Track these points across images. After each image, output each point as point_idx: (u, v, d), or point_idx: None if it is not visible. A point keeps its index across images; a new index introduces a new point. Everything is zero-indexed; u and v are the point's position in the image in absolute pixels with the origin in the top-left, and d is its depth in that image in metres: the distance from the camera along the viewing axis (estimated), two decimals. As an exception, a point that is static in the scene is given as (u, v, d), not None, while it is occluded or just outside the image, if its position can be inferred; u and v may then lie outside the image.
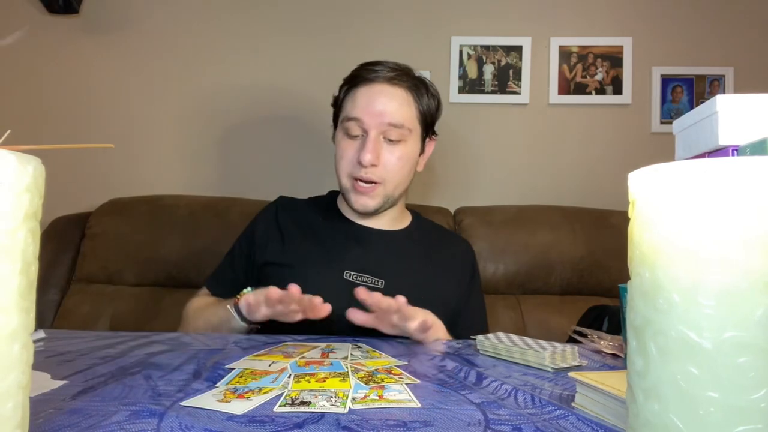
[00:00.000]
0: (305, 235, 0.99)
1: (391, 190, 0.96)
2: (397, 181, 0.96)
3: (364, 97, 0.94)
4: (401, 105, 0.94)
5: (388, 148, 0.94)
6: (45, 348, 0.67)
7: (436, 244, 1.05)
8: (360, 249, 0.97)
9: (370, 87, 0.94)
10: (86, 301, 1.38)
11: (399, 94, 0.94)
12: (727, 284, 0.25)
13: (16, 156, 0.28)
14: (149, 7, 1.72)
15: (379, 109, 0.92)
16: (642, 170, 0.29)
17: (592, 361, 0.67)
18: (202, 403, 0.46)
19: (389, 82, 0.94)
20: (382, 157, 0.93)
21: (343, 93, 0.99)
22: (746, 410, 0.24)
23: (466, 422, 0.43)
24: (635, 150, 1.67)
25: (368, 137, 0.92)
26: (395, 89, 0.94)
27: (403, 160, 0.95)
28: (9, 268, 0.27)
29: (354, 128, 0.94)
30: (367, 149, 0.91)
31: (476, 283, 1.07)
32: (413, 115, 0.96)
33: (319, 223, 1.01)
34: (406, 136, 0.95)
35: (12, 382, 0.28)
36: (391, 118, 0.92)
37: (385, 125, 0.93)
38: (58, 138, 1.69)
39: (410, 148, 0.97)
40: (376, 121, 0.92)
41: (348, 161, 0.95)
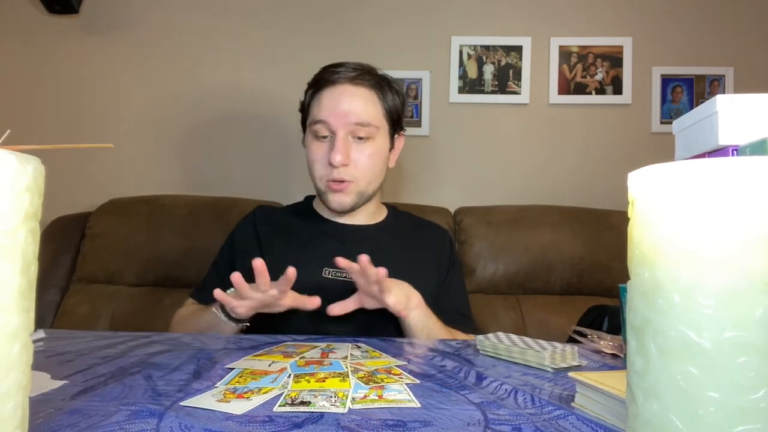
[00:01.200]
0: (283, 240, 1.00)
1: (364, 186, 0.98)
2: (369, 177, 0.98)
3: (328, 99, 0.95)
4: (366, 103, 0.96)
5: (357, 146, 0.96)
6: (45, 348, 0.67)
7: (413, 234, 1.07)
8: (337, 246, 0.98)
9: (334, 88, 0.96)
10: (86, 301, 1.38)
11: (363, 93, 0.96)
12: (727, 284, 0.25)
13: (16, 156, 0.28)
14: (149, 7, 1.72)
15: (344, 109, 0.94)
16: (642, 170, 0.29)
17: (592, 361, 0.67)
18: (202, 403, 0.46)
19: (352, 82, 0.96)
20: (352, 155, 0.95)
21: (308, 97, 1.01)
22: (746, 410, 0.24)
23: (466, 422, 0.43)
24: (635, 150, 1.67)
25: (337, 138, 0.94)
26: (358, 88, 0.96)
27: (374, 158, 0.97)
28: (9, 268, 0.27)
29: (322, 130, 0.96)
30: (336, 150, 0.93)
31: (456, 269, 1.08)
32: (379, 112, 0.98)
33: (296, 226, 1.03)
34: (374, 133, 0.97)
35: (12, 382, 0.28)
36: (357, 118, 0.94)
37: (352, 125, 0.94)
38: (58, 138, 1.69)
39: (379, 145, 0.98)
40: (342, 121, 0.94)
41: (320, 164, 0.97)
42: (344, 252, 0.96)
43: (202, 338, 0.76)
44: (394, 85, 1.02)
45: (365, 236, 1.02)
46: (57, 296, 1.41)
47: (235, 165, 1.71)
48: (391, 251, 1.00)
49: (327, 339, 0.77)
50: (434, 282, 1.01)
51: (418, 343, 0.77)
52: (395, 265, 0.97)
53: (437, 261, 1.05)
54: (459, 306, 1.03)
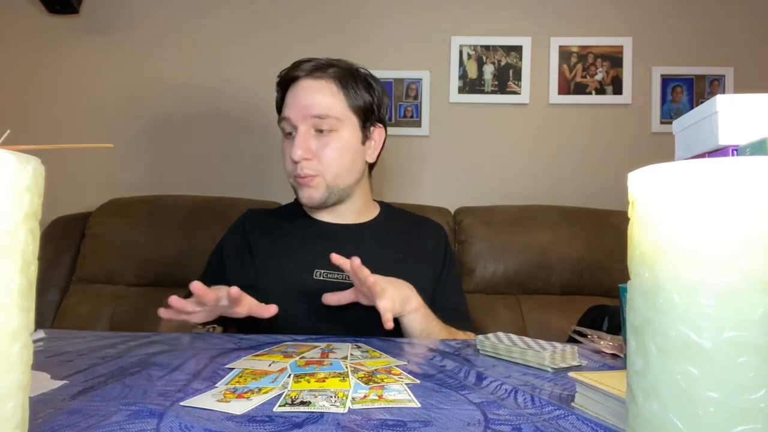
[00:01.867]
0: (274, 242, 1.00)
1: (332, 180, 0.96)
2: (336, 171, 0.96)
3: (290, 95, 0.96)
4: (325, 96, 0.95)
5: (320, 140, 0.94)
6: (45, 348, 0.67)
7: (406, 231, 1.06)
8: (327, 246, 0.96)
9: (296, 84, 0.96)
10: (86, 301, 1.38)
11: (322, 86, 0.95)
12: (727, 284, 0.25)
13: (16, 156, 0.28)
14: (149, 7, 1.72)
15: (303, 103, 0.94)
16: (642, 170, 0.29)
17: (592, 361, 0.67)
18: (202, 403, 0.46)
19: (311, 76, 0.96)
20: (314, 149, 0.94)
21: (277, 97, 1.02)
22: (746, 410, 0.24)
23: (466, 422, 0.43)
24: (635, 150, 1.67)
25: (297, 133, 0.94)
26: (317, 82, 0.95)
27: (339, 150, 0.95)
28: (9, 268, 0.27)
29: (286, 127, 0.97)
30: (295, 145, 0.93)
31: (451, 265, 1.07)
32: (341, 104, 0.96)
33: (285, 228, 1.03)
34: (337, 125, 0.95)
35: (12, 382, 0.28)
36: (315, 110, 0.93)
37: (311, 117, 0.94)
38: (58, 138, 1.69)
39: (345, 138, 0.96)
40: (301, 114, 0.94)
41: (287, 161, 0.97)
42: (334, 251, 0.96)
43: (202, 338, 0.76)
44: (362, 77, 1.00)
45: (355, 235, 1.01)
46: (57, 296, 1.41)
47: (235, 165, 1.71)
48: (384, 249, 1.00)
49: (327, 339, 0.77)
50: (431, 278, 1.01)
51: (418, 343, 0.77)
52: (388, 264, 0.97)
53: (433, 257, 1.04)
54: (456, 303, 1.03)
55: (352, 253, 0.96)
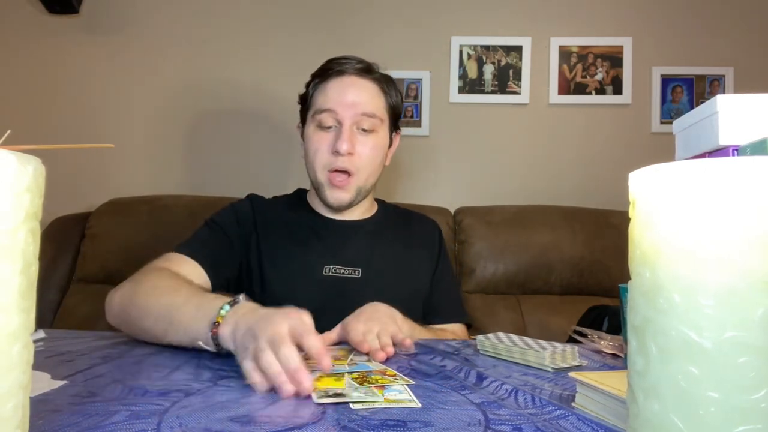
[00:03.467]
0: (281, 235, 0.98)
1: (364, 181, 0.97)
2: (369, 171, 0.97)
3: (335, 89, 0.95)
4: (372, 96, 0.96)
5: (361, 138, 0.95)
6: (45, 348, 0.67)
7: (403, 227, 1.07)
8: (335, 242, 0.98)
9: (341, 79, 0.96)
10: (86, 301, 1.38)
11: (369, 86, 0.97)
12: (727, 284, 0.25)
13: (16, 156, 0.28)
14: (149, 7, 1.72)
15: (352, 99, 0.94)
16: (642, 170, 0.29)
17: (592, 361, 0.67)
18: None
19: (359, 74, 0.96)
20: (357, 146, 0.94)
21: (311, 88, 1.00)
22: (746, 410, 0.24)
23: (466, 422, 0.43)
24: (635, 150, 1.67)
25: (343, 127, 0.93)
26: (365, 81, 0.97)
27: (376, 150, 0.97)
28: (9, 268, 0.27)
29: (327, 120, 0.95)
30: (343, 138, 0.92)
31: (445, 259, 1.08)
32: (383, 105, 0.98)
33: (292, 220, 1.01)
34: (378, 126, 0.97)
35: (12, 382, 0.28)
36: (364, 108, 0.94)
37: (359, 115, 0.94)
38: (58, 138, 1.69)
39: (381, 139, 0.98)
40: (350, 111, 0.94)
41: (322, 153, 0.95)
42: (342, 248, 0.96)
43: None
44: (395, 83, 1.03)
45: (362, 232, 1.02)
46: (57, 296, 1.41)
47: (235, 165, 1.71)
48: (386, 246, 1.01)
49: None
50: (429, 270, 1.03)
51: (418, 344, 0.77)
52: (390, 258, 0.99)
53: (428, 251, 1.06)
54: (451, 298, 1.05)
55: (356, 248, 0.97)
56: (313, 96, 0.99)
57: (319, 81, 0.99)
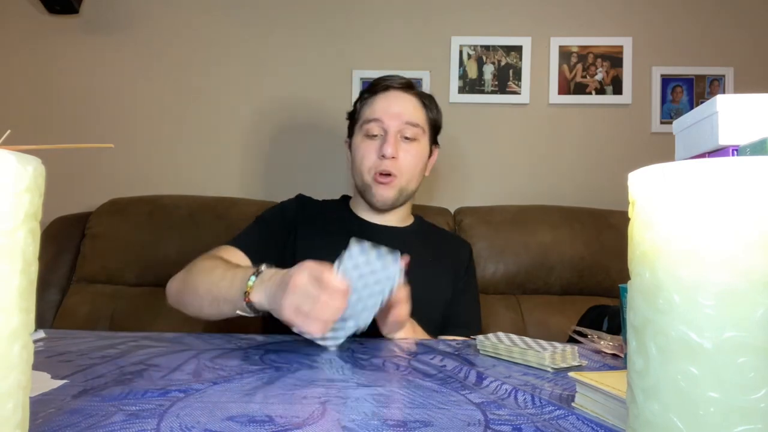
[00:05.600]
0: (320, 233, 1.05)
1: (405, 183, 1.06)
2: (410, 175, 1.06)
3: (382, 102, 1.06)
4: (415, 108, 1.07)
5: (404, 146, 1.05)
6: (45, 348, 0.67)
7: (437, 243, 1.14)
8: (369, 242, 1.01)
9: (387, 93, 1.07)
10: (86, 301, 1.38)
11: (412, 99, 1.08)
12: (727, 284, 0.25)
13: (16, 156, 0.28)
14: (149, 7, 1.72)
15: (396, 110, 1.05)
16: (642, 170, 0.29)
17: (592, 361, 0.67)
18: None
19: (403, 89, 1.07)
20: (400, 152, 1.04)
21: (359, 104, 1.11)
22: (746, 410, 0.24)
23: (466, 422, 0.43)
24: (635, 150, 1.67)
25: (389, 134, 1.03)
26: (408, 95, 1.08)
27: (417, 158, 1.06)
28: (9, 268, 0.27)
29: (374, 129, 1.05)
30: (389, 143, 1.02)
31: (470, 281, 1.13)
32: (424, 118, 1.09)
33: (332, 221, 1.09)
34: (420, 135, 1.07)
35: (12, 382, 0.28)
36: (408, 117, 1.05)
37: (403, 123, 1.04)
38: (58, 138, 1.69)
39: (422, 148, 1.08)
40: (395, 120, 1.04)
41: (369, 158, 1.05)
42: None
43: (202, 339, 0.76)
44: (435, 100, 1.13)
45: (397, 237, 1.08)
46: (57, 296, 1.41)
47: (235, 165, 1.71)
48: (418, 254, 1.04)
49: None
50: (449, 287, 1.07)
51: (418, 344, 0.77)
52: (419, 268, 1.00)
53: (455, 266, 1.11)
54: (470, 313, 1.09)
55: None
56: (361, 110, 1.09)
57: (367, 96, 1.09)
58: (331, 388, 0.52)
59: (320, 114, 1.70)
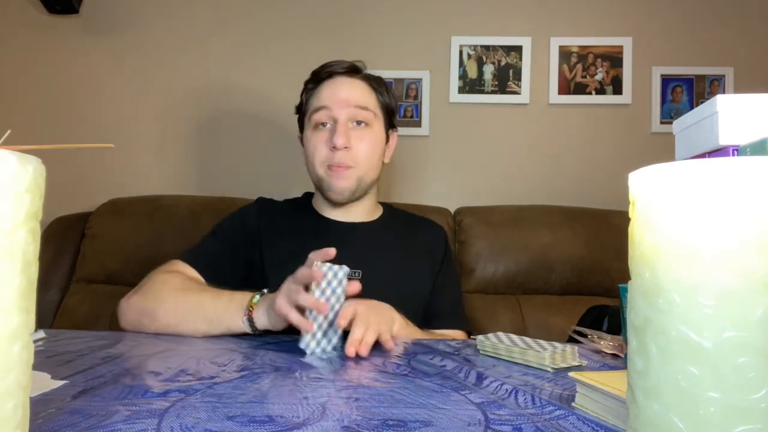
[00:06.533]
0: (283, 235, 1.01)
1: (363, 172, 1.00)
2: (368, 165, 1.00)
3: (328, 89, 1.00)
4: (363, 91, 1.01)
5: (356, 133, 0.99)
6: (45, 348, 0.67)
7: (408, 231, 1.09)
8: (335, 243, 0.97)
9: (333, 80, 1.01)
10: (86, 301, 1.38)
11: (359, 83, 1.02)
12: (727, 284, 0.25)
13: (16, 156, 0.28)
14: (149, 7, 1.72)
15: (344, 96, 0.99)
16: (642, 170, 0.29)
17: (592, 361, 0.67)
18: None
19: (348, 74, 1.02)
20: (352, 141, 0.98)
21: (305, 95, 1.05)
22: (746, 410, 0.24)
23: (466, 422, 0.43)
24: (635, 150, 1.66)
25: (338, 122, 0.97)
26: (354, 79, 1.02)
27: (372, 143, 1.01)
28: (9, 268, 0.27)
29: (322, 117, 0.99)
30: (339, 133, 0.96)
31: (449, 266, 1.09)
32: (375, 101, 1.03)
33: (296, 222, 1.04)
34: (372, 120, 1.01)
35: (12, 382, 0.28)
36: (356, 101, 0.99)
37: (353, 108, 0.98)
38: (58, 138, 1.69)
39: (376, 133, 1.02)
40: (343, 105, 0.98)
41: (320, 151, 0.99)
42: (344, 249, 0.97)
43: (202, 339, 0.76)
44: (385, 82, 1.08)
45: (363, 233, 1.03)
46: (57, 296, 1.41)
47: (235, 165, 1.71)
48: (388, 248, 1.02)
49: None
50: (429, 278, 1.04)
51: (418, 343, 0.77)
52: (393, 261, 1.00)
53: (431, 258, 1.06)
54: (451, 305, 1.05)
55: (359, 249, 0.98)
56: (307, 101, 1.04)
57: (312, 86, 1.03)
58: (331, 388, 0.52)
59: (320, 114, 1.69)
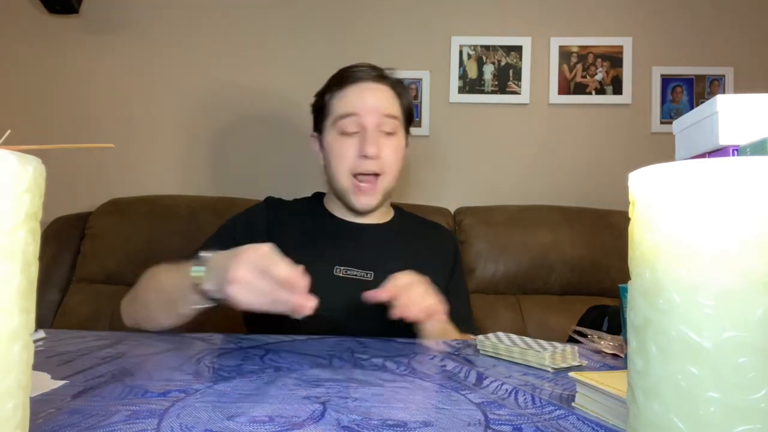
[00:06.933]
0: (293, 235, 0.99)
1: (389, 182, 0.99)
2: (394, 173, 1.00)
3: (355, 95, 0.97)
4: (390, 98, 0.99)
5: (384, 141, 0.97)
6: (45, 348, 0.67)
7: (419, 234, 1.08)
8: (348, 244, 0.98)
9: (360, 85, 0.98)
10: (86, 301, 1.38)
11: (386, 90, 1.00)
12: (727, 284, 0.25)
13: (16, 156, 0.28)
14: (149, 7, 1.72)
15: (373, 103, 0.96)
16: (642, 170, 0.29)
17: (592, 361, 0.67)
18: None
19: (375, 80, 0.99)
20: (381, 149, 0.96)
21: (327, 97, 1.01)
22: (746, 410, 0.24)
23: (466, 422, 0.43)
24: (635, 150, 1.67)
25: (368, 130, 0.95)
26: (382, 85, 0.99)
27: (397, 151, 1.00)
28: (9, 268, 0.27)
29: (350, 125, 0.96)
30: (370, 141, 0.94)
31: (459, 272, 1.09)
32: (399, 107, 1.01)
33: (306, 221, 1.02)
34: (397, 128, 1.00)
35: (12, 382, 0.28)
36: (385, 110, 0.97)
37: (382, 117, 0.96)
38: (58, 138, 1.69)
39: (400, 141, 1.01)
40: (373, 114, 0.96)
41: (347, 159, 0.96)
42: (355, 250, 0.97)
43: (202, 338, 0.76)
44: (406, 85, 1.06)
45: (375, 235, 1.03)
46: (57, 296, 1.41)
47: (235, 165, 1.71)
48: (400, 250, 1.02)
49: (333, 338, 0.76)
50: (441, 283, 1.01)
51: (417, 343, 0.77)
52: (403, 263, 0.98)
53: (442, 262, 1.05)
54: (461, 308, 1.04)
55: (370, 251, 0.98)
56: (330, 104, 1.00)
57: (336, 89, 1.00)
58: (331, 388, 0.52)
59: (320, 114, 1.70)
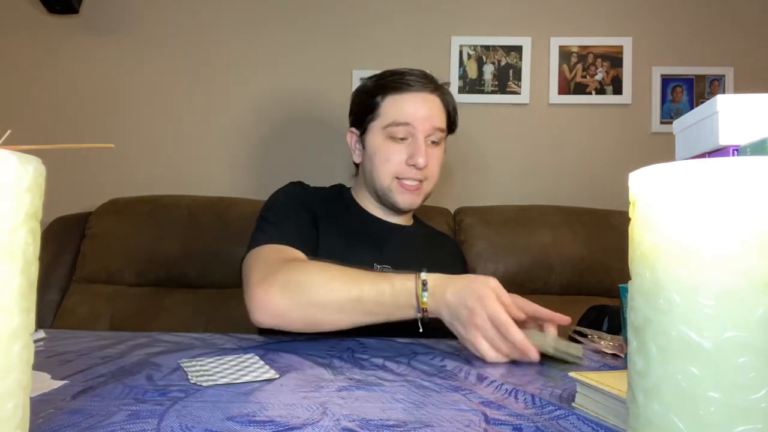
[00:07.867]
0: (335, 224, 1.00)
1: (430, 188, 1.05)
2: (435, 178, 1.05)
3: (411, 104, 1.00)
4: (440, 111, 1.03)
5: (431, 151, 1.01)
6: (45, 348, 0.67)
7: (435, 242, 1.14)
8: (385, 242, 1.02)
9: (415, 94, 1.01)
10: (86, 301, 1.38)
11: (437, 101, 1.03)
12: (727, 284, 0.25)
13: (16, 156, 0.28)
14: (149, 7, 1.72)
15: (426, 114, 1.00)
16: (642, 170, 0.29)
17: (592, 361, 0.67)
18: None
19: (430, 90, 1.02)
20: (429, 159, 1.00)
21: (380, 98, 1.03)
22: (746, 410, 0.24)
23: (466, 422, 0.43)
24: (635, 150, 1.67)
25: (418, 141, 0.98)
26: (434, 96, 1.02)
27: (440, 161, 1.05)
28: (9, 268, 0.27)
29: (401, 132, 0.99)
30: (420, 153, 0.98)
31: None
32: (446, 119, 1.05)
33: (342, 215, 1.05)
34: (442, 138, 1.04)
35: (12, 382, 0.28)
36: (438, 123, 1.01)
37: (433, 129, 1.00)
38: (58, 138, 1.69)
39: (443, 150, 1.06)
40: (425, 125, 0.99)
41: (395, 163, 1.00)
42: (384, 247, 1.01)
43: (202, 339, 0.76)
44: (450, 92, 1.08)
45: (402, 236, 1.06)
46: (57, 296, 1.41)
47: (235, 165, 1.71)
48: (421, 254, 1.06)
49: (328, 338, 0.76)
50: None
51: (417, 343, 0.77)
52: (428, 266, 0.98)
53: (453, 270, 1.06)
54: None
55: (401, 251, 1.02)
56: (381, 107, 1.02)
57: (390, 93, 1.01)
58: (331, 388, 0.52)
59: (320, 114, 1.70)
